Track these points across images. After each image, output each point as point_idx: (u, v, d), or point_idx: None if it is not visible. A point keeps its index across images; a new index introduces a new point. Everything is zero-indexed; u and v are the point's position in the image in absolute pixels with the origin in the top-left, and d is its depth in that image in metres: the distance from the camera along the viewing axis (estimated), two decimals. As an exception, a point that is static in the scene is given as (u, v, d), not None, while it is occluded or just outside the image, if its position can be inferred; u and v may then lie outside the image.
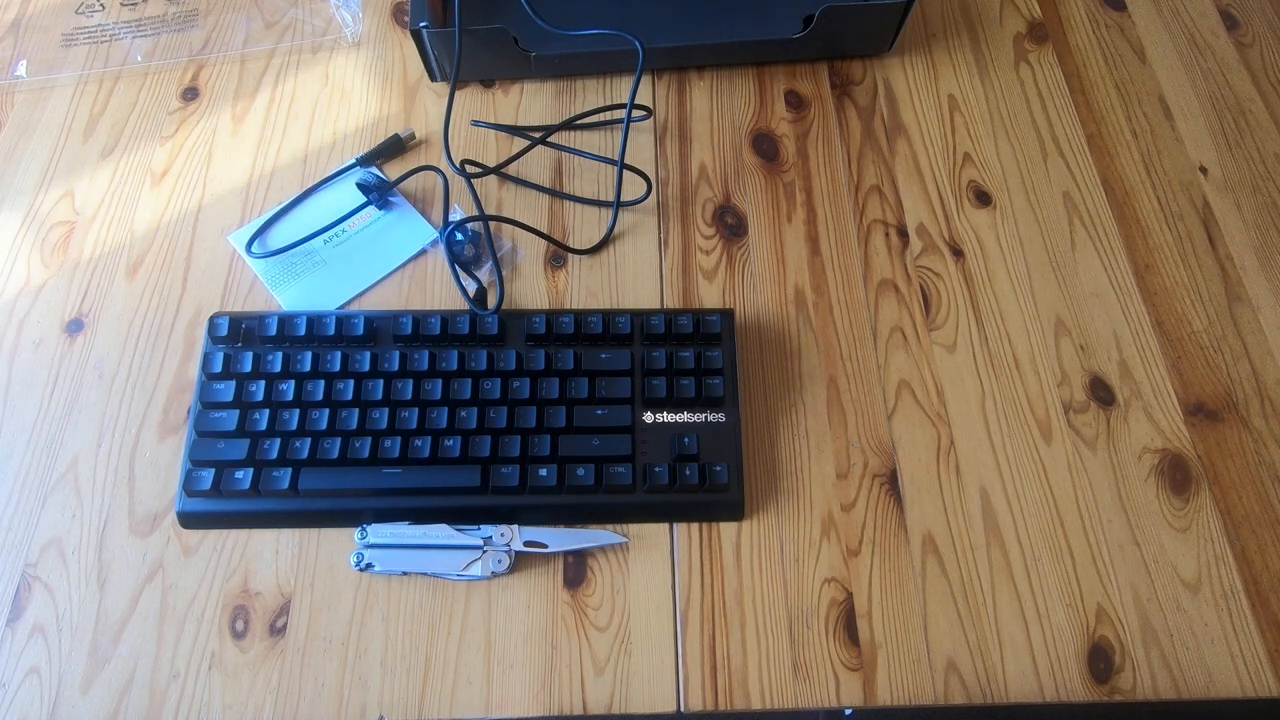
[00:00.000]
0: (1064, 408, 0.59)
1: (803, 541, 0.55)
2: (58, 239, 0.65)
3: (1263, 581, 0.54)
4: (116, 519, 0.55)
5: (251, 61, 0.74)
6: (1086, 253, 0.65)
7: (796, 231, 0.66)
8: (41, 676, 0.51)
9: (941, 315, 0.62)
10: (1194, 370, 0.60)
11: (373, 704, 0.50)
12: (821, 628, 0.52)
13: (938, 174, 0.68)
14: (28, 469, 0.57)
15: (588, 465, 0.54)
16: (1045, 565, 0.54)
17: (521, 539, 0.53)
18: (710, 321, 0.58)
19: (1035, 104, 0.72)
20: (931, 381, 0.60)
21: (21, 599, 0.53)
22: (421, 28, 0.66)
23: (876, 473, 0.57)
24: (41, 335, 0.61)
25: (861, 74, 0.73)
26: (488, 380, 0.56)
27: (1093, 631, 0.52)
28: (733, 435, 0.56)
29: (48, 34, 0.75)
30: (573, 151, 0.69)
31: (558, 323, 0.58)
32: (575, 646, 0.52)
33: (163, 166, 0.68)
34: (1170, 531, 0.55)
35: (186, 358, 0.60)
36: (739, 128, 0.70)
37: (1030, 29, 0.76)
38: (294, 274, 0.64)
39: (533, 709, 0.50)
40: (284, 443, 0.54)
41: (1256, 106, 0.72)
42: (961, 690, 0.51)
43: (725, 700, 0.50)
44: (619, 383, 0.57)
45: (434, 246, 0.65)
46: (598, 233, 0.65)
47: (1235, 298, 0.63)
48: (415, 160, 0.69)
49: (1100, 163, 0.69)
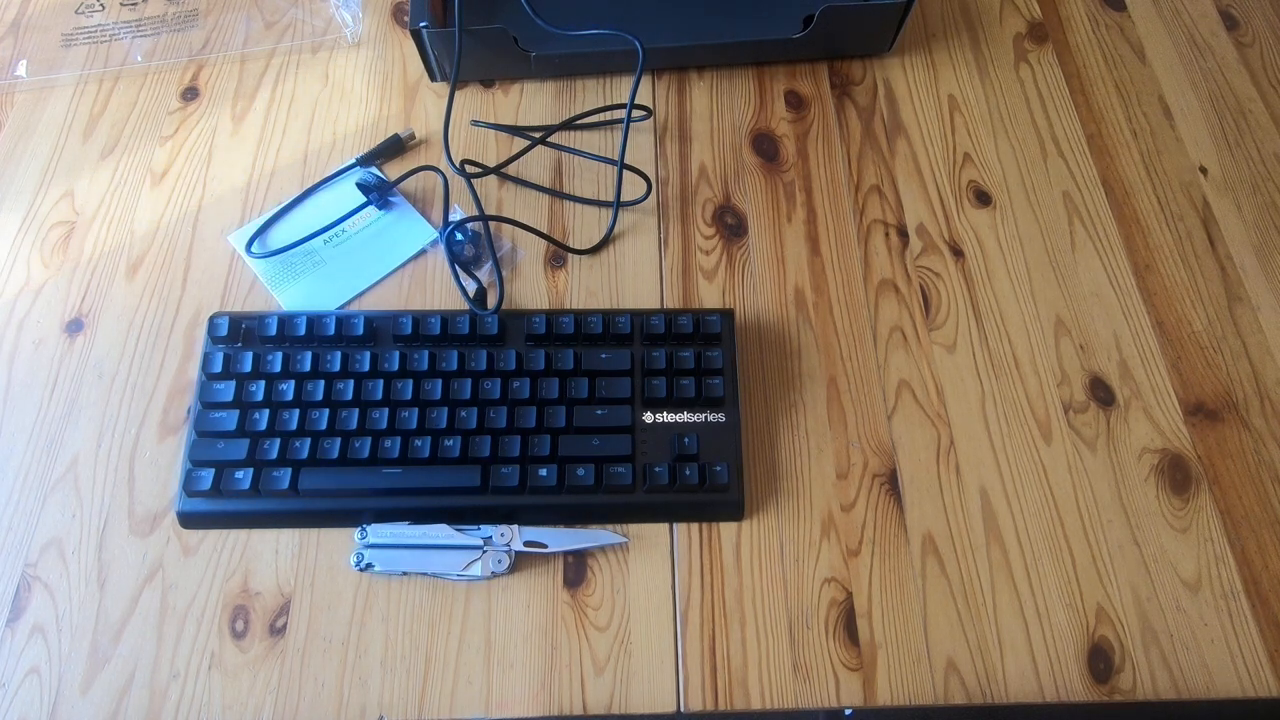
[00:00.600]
0: (1064, 408, 0.59)
1: (803, 541, 0.55)
2: (58, 239, 0.65)
3: (1263, 581, 0.54)
4: (116, 519, 0.55)
5: (251, 61, 0.74)
6: (1086, 253, 0.65)
7: (796, 231, 0.66)
8: (41, 676, 0.51)
9: (941, 315, 0.62)
10: (1194, 370, 0.60)
11: (373, 704, 0.50)
12: (821, 628, 0.52)
13: (938, 174, 0.68)
14: (28, 469, 0.57)
15: (588, 465, 0.54)
16: (1045, 565, 0.54)
17: (521, 539, 0.53)
18: (710, 321, 0.58)
19: (1035, 104, 0.72)
20: (931, 381, 0.60)
21: (21, 599, 0.53)
22: (421, 28, 0.66)
23: (876, 473, 0.57)
24: (41, 335, 0.61)
25: (861, 74, 0.73)
26: (488, 380, 0.56)
27: (1093, 631, 0.52)
28: (733, 435, 0.56)
29: (48, 34, 0.75)
30: (573, 151, 0.69)
31: (558, 323, 0.58)
32: (575, 646, 0.52)
33: (163, 166, 0.68)
34: (1170, 531, 0.55)
35: (186, 358, 0.60)
36: (739, 128, 0.70)
37: (1030, 29, 0.76)
38: (294, 274, 0.64)
39: (533, 709, 0.50)
40: (284, 443, 0.54)
41: (1256, 106, 0.72)
42: (961, 690, 0.51)
43: (725, 700, 0.50)
44: (619, 383, 0.57)
45: (434, 246, 0.65)
46: (598, 233, 0.66)
47: (1235, 298, 0.63)
48: (415, 160, 0.69)
49: (1100, 163, 0.69)
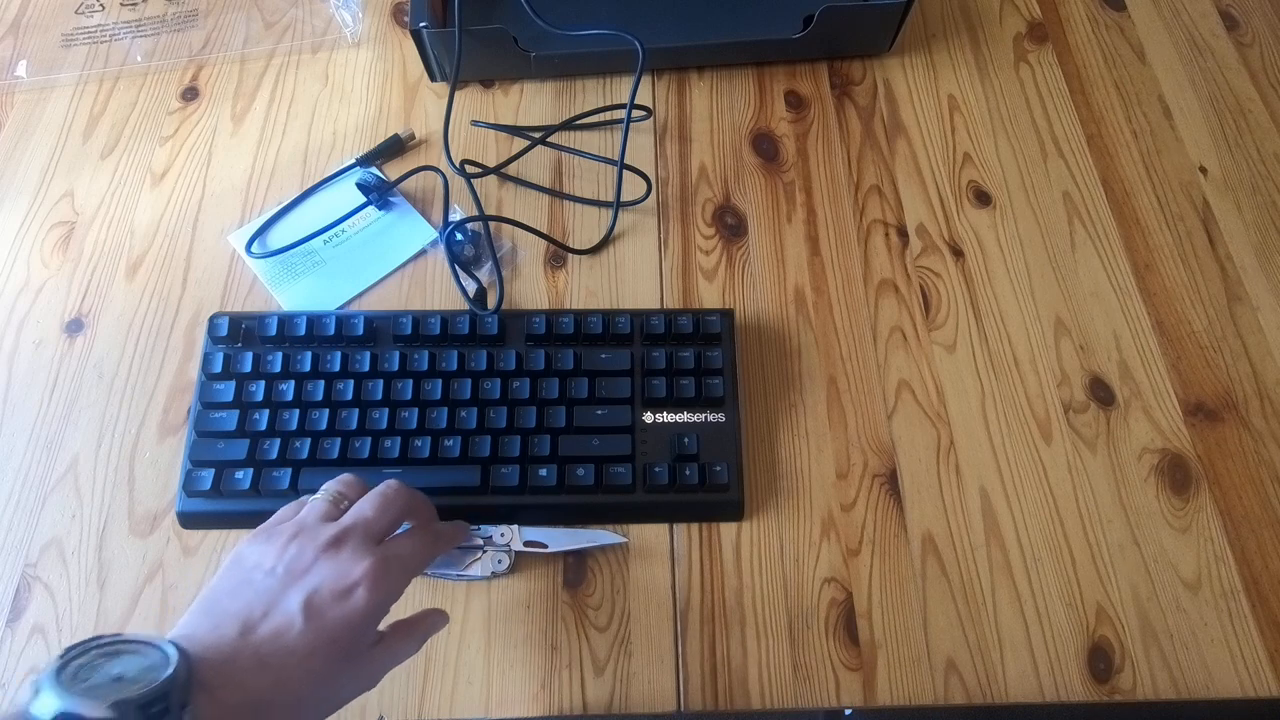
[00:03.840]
0: (1064, 408, 0.59)
1: (803, 541, 0.55)
2: (58, 239, 0.65)
3: (1263, 581, 0.54)
4: (116, 519, 0.55)
5: (251, 61, 0.74)
6: (1086, 253, 0.65)
7: (796, 231, 0.66)
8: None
9: (941, 315, 0.62)
10: (1194, 370, 0.60)
11: (373, 704, 0.50)
12: (821, 628, 0.52)
13: (938, 174, 0.68)
14: (28, 469, 0.57)
15: (588, 465, 0.54)
16: (1045, 565, 0.54)
17: (522, 539, 0.53)
18: (710, 321, 0.58)
19: (1035, 104, 0.72)
20: (931, 381, 0.60)
21: (21, 599, 0.53)
22: (421, 28, 0.66)
23: (876, 473, 0.57)
24: (41, 335, 0.61)
25: (861, 74, 0.73)
26: (487, 380, 0.56)
27: (1093, 631, 0.52)
28: (733, 435, 0.56)
29: (48, 34, 0.75)
30: (573, 152, 0.69)
31: (558, 323, 0.58)
32: (575, 646, 0.52)
33: (163, 166, 0.68)
34: (1170, 531, 0.55)
35: (186, 358, 0.60)
36: (739, 128, 0.70)
37: (1030, 29, 0.76)
38: (294, 274, 0.64)
39: (533, 709, 0.50)
40: (284, 443, 0.54)
41: (1256, 106, 0.72)
42: (961, 690, 0.51)
43: (725, 700, 0.50)
44: (619, 383, 0.57)
45: (434, 246, 0.65)
46: (598, 233, 0.66)
47: (1235, 298, 0.63)
48: (415, 160, 0.69)
49: (1100, 163, 0.69)
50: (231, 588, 0.40)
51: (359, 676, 0.41)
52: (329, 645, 0.39)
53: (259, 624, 0.38)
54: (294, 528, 0.42)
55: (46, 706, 0.31)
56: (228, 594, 0.40)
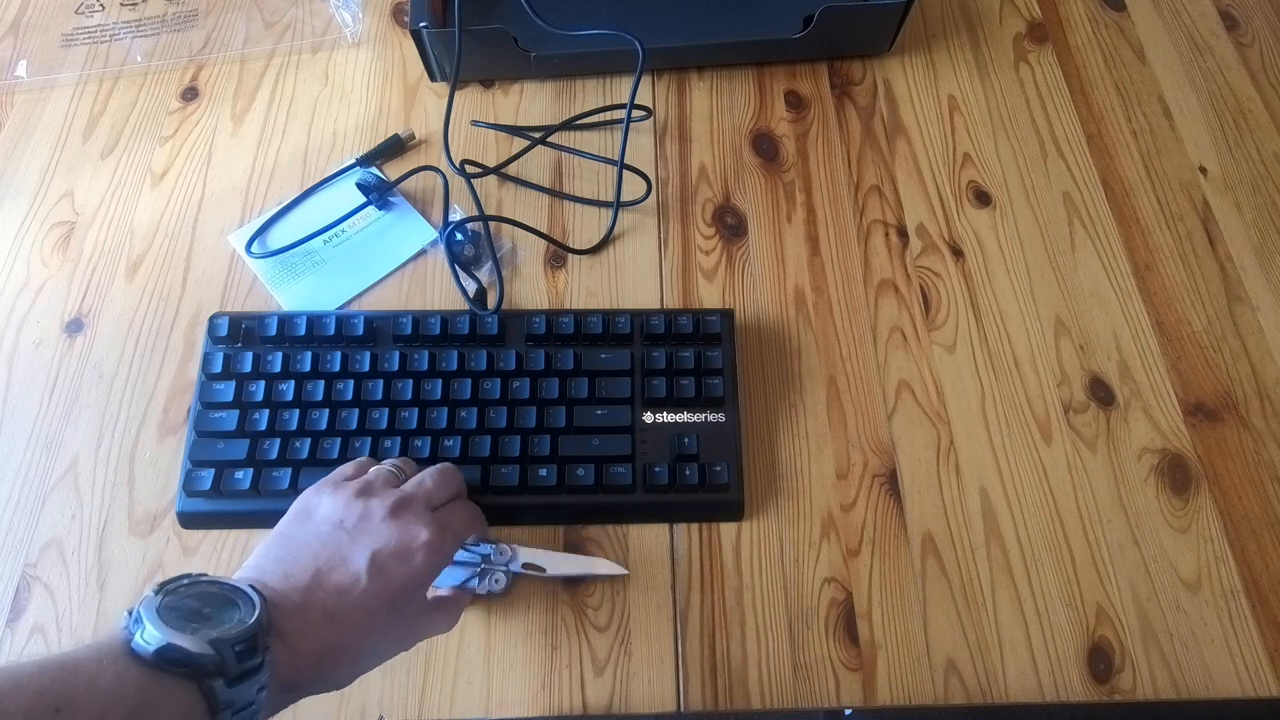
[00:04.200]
0: (1064, 408, 0.59)
1: (803, 541, 0.55)
2: (58, 239, 0.65)
3: (1263, 581, 0.54)
4: (116, 519, 0.55)
5: (251, 61, 0.74)
6: (1086, 253, 0.65)
7: (796, 231, 0.66)
8: (41, 676, 0.51)
9: (941, 315, 0.62)
10: (1194, 370, 0.60)
11: (373, 704, 0.50)
12: (821, 628, 0.52)
13: (937, 174, 0.68)
14: (28, 469, 0.57)
15: (587, 465, 0.54)
16: (1045, 565, 0.54)
17: (520, 560, 0.53)
18: (710, 321, 0.58)
19: (1035, 104, 0.72)
20: (931, 381, 0.60)
21: (21, 599, 0.53)
22: (421, 28, 0.66)
23: (876, 473, 0.57)
24: (41, 335, 0.61)
25: (861, 74, 0.73)
26: (487, 380, 0.56)
27: (1092, 631, 0.52)
28: (732, 435, 0.56)
29: (48, 34, 0.75)
30: (573, 152, 0.69)
31: (558, 323, 0.58)
32: (575, 646, 0.52)
33: (163, 166, 0.69)
34: (1170, 531, 0.55)
35: (186, 358, 0.60)
36: (739, 128, 0.70)
37: (1030, 29, 0.76)
38: (294, 274, 0.64)
39: (533, 709, 0.50)
40: (284, 443, 0.54)
41: (1256, 106, 0.72)
42: (961, 690, 0.51)
43: (725, 700, 0.50)
44: (619, 383, 0.57)
45: (434, 246, 0.65)
46: (598, 233, 0.66)
47: (1235, 298, 0.63)
48: (415, 160, 0.69)
49: (1100, 163, 0.69)
50: (304, 537, 0.42)
51: (404, 637, 0.44)
52: (388, 603, 0.41)
53: (327, 576, 0.40)
54: (361, 485, 0.45)
55: (151, 637, 0.33)
56: (300, 543, 0.42)
